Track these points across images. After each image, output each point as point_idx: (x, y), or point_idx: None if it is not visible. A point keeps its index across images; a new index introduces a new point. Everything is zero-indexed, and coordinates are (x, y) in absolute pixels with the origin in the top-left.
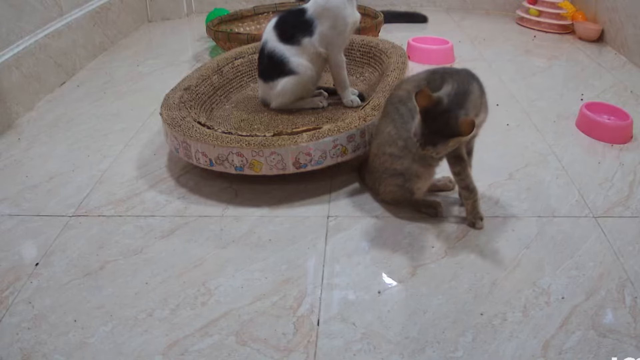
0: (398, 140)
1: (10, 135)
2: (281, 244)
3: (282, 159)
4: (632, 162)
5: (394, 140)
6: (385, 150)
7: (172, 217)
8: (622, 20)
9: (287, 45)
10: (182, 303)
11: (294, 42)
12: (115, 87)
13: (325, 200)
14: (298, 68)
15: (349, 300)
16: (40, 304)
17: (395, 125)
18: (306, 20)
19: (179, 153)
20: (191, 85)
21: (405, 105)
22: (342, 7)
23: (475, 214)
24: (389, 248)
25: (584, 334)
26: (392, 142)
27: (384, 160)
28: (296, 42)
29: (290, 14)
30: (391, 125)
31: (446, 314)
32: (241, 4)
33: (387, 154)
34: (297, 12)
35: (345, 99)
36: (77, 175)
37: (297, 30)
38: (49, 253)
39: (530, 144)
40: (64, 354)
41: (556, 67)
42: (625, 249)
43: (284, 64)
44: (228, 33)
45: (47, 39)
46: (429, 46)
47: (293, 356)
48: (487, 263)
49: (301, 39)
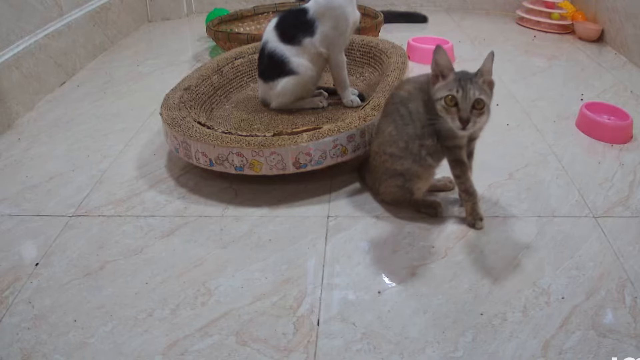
0: (399, 141)
1: (10, 135)
2: (281, 244)
3: (282, 159)
4: (632, 162)
5: (395, 141)
6: (386, 150)
7: (172, 217)
8: (622, 20)
9: (287, 45)
10: (182, 303)
11: (294, 42)
12: (115, 87)
13: (325, 200)
14: (298, 68)
15: (349, 300)
16: (40, 304)
17: (396, 125)
18: (307, 20)
19: (179, 153)
20: (191, 85)
21: (406, 106)
22: (344, 6)
23: (475, 215)
24: (389, 248)
25: (584, 334)
26: (392, 142)
27: (384, 160)
28: (297, 42)
29: (290, 14)
30: (392, 125)
31: (446, 314)
32: (241, 4)
33: (388, 154)
34: (297, 12)
35: (345, 99)
36: (77, 175)
37: (298, 30)
38: (49, 253)
39: (530, 144)
40: (64, 354)
41: (556, 67)
42: (625, 249)
43: (284, 64)
44: (228, 33)
45: (47, 39)
46: (429, 46)
47: (293, 356)
48: (487, 263)
49: (302, 39)
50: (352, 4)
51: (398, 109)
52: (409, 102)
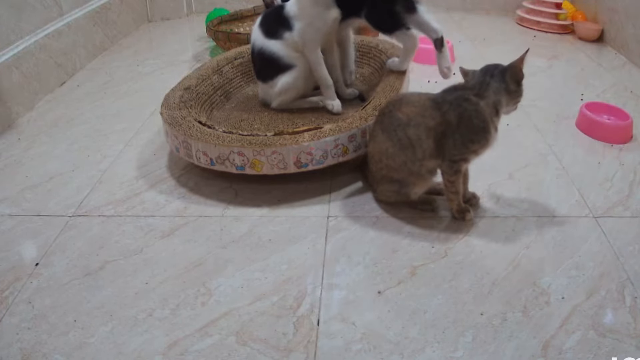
0: (396, 158)
1: (10, 135)
2: (281, 244)
3: (283, 159)
4: (632, 162)
5: (392, 157)
6: (382, 160)
7: (172, 217)
8: (622, 20)
9: (272, 40)
10: (182, 303)
11: (277, 36)
12: (115, 87)
13: (325, 200)
14: (293, 61)
15: (349, 300)
16: (40, 304)
17: (393, 144)
18: (285, 15)
19: (179, 152)
20: (191, 85)
21: (404, 131)
22: (315, 3)
23: (464, 209)
24: (389, 248)
25: (584, 334)
26: (389, 156)
27: (380, 168)
28: (279, 36)
29: (272, 11)
30: (389, 143)
31: (446, 314)
32: (241, 4)
33: (384, 164)
34: (278, 8)
35: (326, 100)
36: (77, 175)
37: (279, 25)
38: (49, 253)
39: (530, 144)
40: (64, 354)
41: (556, 67)
42: (625, 249)
43: (277, 60)
44: (228, 33)
45: (47, 39)
46: (429, 46)
47: (293, 356)
48: (487, 263)
49: (283, 33)
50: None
51: (396, 132)
52: (407, 127)
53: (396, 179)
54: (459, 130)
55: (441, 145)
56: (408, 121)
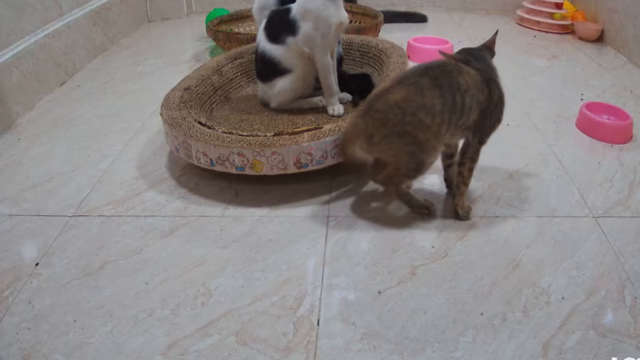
0: (438, 117)
1: (10, 135)
2: (281, 244)
3: (283, 159)
4: (632, 162)
5: (435, 114)
6: (417, 113)
7: (172, 217)
8: (622, 20)
9: (274, 44)
10: (182, 303)
11: (279, 41)
12: (115, 87)
13: (325, 200)
14: (291, 66)
15: (349, 300)
16: (40, 304)
17: (444, 104)
18: (290, 20)
19: (179, 153)
20: (191, 85)
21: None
22: (323, 7)
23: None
24: (389, 248)
25: (584, 334)
26: (431, 112)
27: (408, 122)
28: (281, 41)
29: (277, 14)
30: (440, 100)
31: (446, 314)
32: (241, 4)
33: (417, 119)
34: (283, 12)
35: (328, 107)
36: (77, 175)
37: (282, 29)
38: (49, 253)
39: (530, 144)
40: (64, 354)
41: (556, 67)
42: (625, 249)
43: (276, 64)
44: (228, 33)
45: (47, 39)
46: (429, 46)
47: (293, 356)
48: (487, 263)
49: (286, 39)
50: (336, 4)
51: (454, 94)
52: (466, 94)
53: (418, 141)
54: (495, 111)
55: (478, 123)
56: (467, 89)
